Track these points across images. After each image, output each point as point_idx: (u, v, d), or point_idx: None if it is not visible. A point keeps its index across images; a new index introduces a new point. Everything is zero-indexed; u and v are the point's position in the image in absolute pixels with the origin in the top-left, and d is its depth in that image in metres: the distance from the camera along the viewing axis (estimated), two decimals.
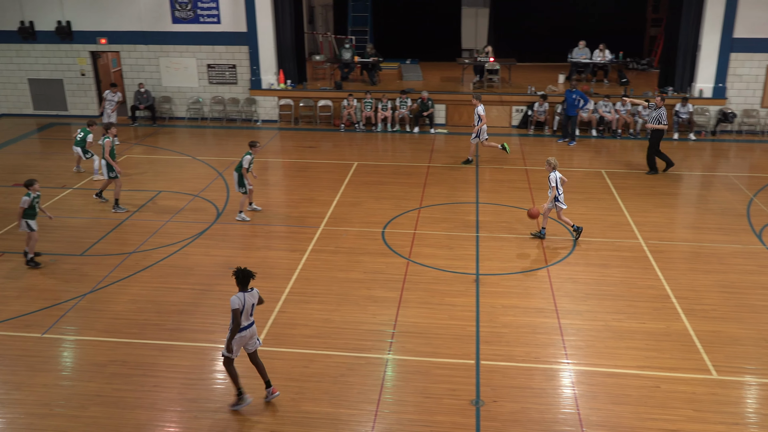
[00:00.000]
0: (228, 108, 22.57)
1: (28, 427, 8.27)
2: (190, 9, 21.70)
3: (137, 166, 18.07)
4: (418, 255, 12.65)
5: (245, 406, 8.53)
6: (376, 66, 23.24)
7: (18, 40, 22.57)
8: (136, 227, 14.07)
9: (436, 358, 9.50)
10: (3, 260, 12.70)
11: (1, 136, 21.11)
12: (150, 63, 22.49)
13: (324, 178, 16.92)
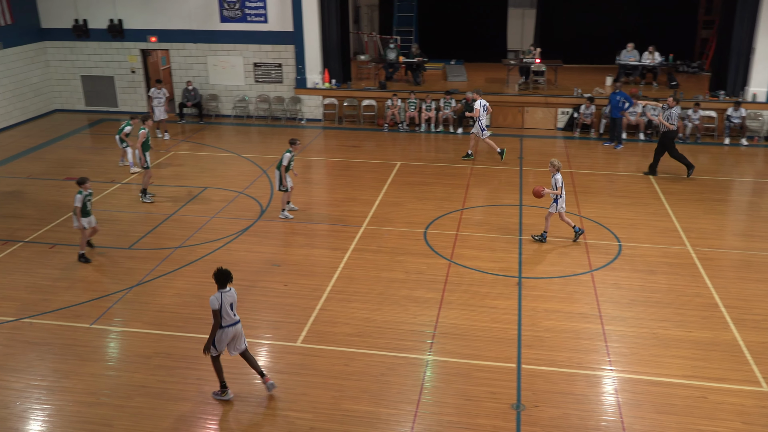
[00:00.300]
0: (273, 106, 22.79)
1: (76, 415, 8.48)
2: (238, 8, 21.97)
3: (184, 163, 18.37)
4: (460, 256, 12.60)
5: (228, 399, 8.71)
6: (421, 66, 23.21)
7: (72, 38, 23.16)
8: (182, 222, 14.31)
9: (477, 360, 9.44)
10: (54, 252, 13.04)
11: (55, 131, 21.68)
12: (198, 61, 22.85)
13: (367, 178, 16.96)
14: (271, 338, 10.10)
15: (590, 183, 16.38)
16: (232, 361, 9.52)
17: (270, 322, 10.54)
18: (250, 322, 10.49)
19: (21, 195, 16.00)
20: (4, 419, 8.45)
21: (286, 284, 11.68)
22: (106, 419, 8.38)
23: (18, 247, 13.23)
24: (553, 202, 13.00)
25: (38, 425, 8.35)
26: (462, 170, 17.39)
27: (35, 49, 23.02)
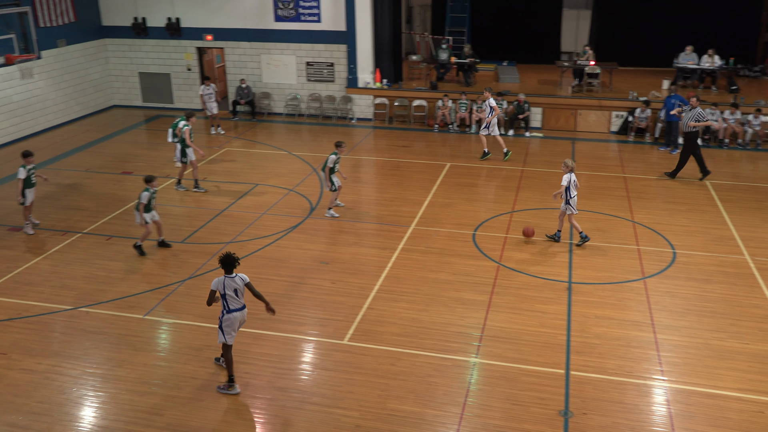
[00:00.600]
0: (324, 105, 22.96)
1: (128, 403, 8.69)
2: (293, 8, 22.20)
3: (236, 159, 18.65)
4: (509, 259, 12.49)
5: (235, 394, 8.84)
6: (473, 67, 23.09)
7: (131, 36, 23.75)
8: (234, 218, 14.53)
9: (525, 365, 9.35)
10: (110, 243, 13.39)
11: (113, 126, 22.27)
12: (252, 60, 23.17)
13: (416, 178, 16.95)
14: (318, 335, 10.18)
15: (644, 188, 16.05)
16: (276, 357, 9.64)
17: (317, 319, 10.63)
18: (297, 319, 10.61)
19: (80, 187, 16.48)
20: (60, 404, 8.71)
21: (334, 282, 11.76)
22: (157, 408, 8.57)
23: (76, 238, 13.63)
24: (565, 203, 12.85)
25: (92, 412, 8.59)
26: (512, 172, 17.23)
27: (96, 46, 23.68)
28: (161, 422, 8.31)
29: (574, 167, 12.94)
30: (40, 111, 21.35)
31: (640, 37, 25.50)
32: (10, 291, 11.57)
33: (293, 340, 10.09)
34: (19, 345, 10.01)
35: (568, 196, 12.75)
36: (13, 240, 13.60)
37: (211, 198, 15.62)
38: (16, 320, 10.69)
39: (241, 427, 8.29)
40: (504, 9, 27.29)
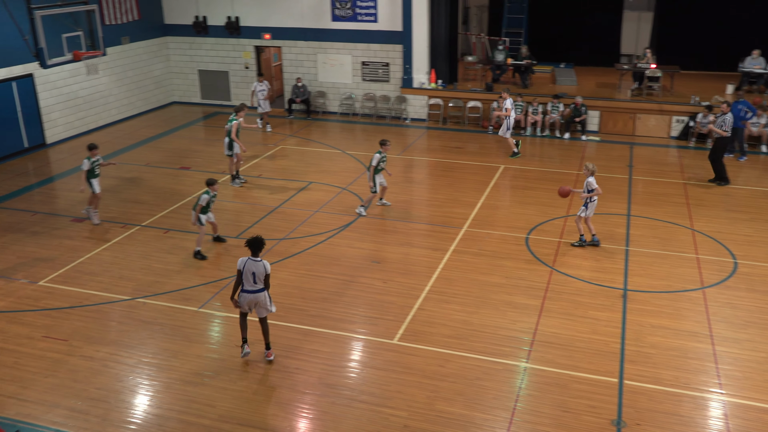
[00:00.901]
0: (379, 105, 23.03)
1: (182, 393, 8.88)
2: (350, 7, 22.33)
3: (290, 157, 18.87)
4: (562, 264, 12.31)
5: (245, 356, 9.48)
6: (529, 69, 22.83)
7: (192, 34, 24.26)
8: (287, 215, 14.70)
9: (577, 372, 9.20)
10: (168, 237, 13.70)
11: (172, 122, 22.78)
12: (308, 59, 23.40)
13: (469, 180, 16.85)
14: (367, 334, 10.22)
15: (705, 196, 15.61)
16: (326, 354, 9.71)
17: (367, 318, 10.66)
18: (348, 317, 10.67)
19: (140, 181, 16.90)
20: (117, 392, 8.96)
21: (385, 281, 11.79)
22: (209, 400, 8.73)
23: (135, 231, 14.00)
24: (583, 206, 12.86)
25: (147, 400, 8.81)
26: (567, 176, 16.97)
27: (158, 44, 24.27)
28: (213, 414, 8.46)
29: (595, 170, 12.92)
30: (103, 106, 22.00)
31: (703, 39, 24.78)
32: (71, 280, 11.96)
33: (343, 337, 10.15)
34: (80, 332, 10.33)
35: (589, 200, 12.77)
36: (76, 230, 14.04)
37: (265, 195, 15.83)
38: (77, 308, 11.04)
39: (290, 422, 8.38)
40: (562, 10, 26.88)
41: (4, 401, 8.73)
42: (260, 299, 9.16)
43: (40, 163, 18.63)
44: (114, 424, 8.35)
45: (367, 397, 8.76)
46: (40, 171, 18.09)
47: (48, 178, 17.56)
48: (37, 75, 19.18)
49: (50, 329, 10.42)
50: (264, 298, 9.19)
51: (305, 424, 8.34)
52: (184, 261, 12.63)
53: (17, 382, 9.15)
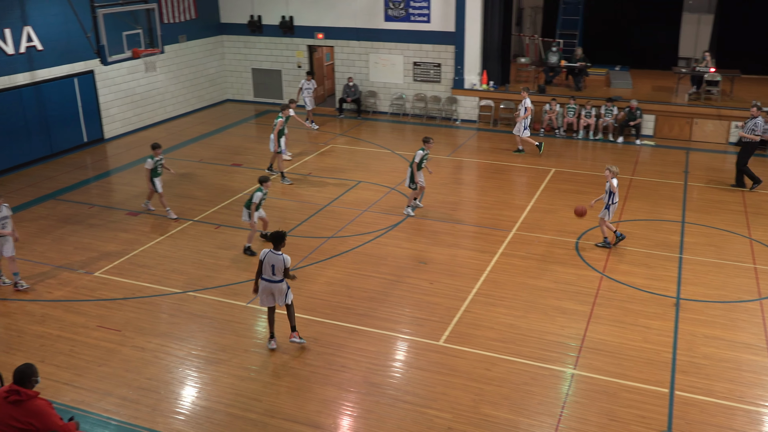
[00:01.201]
0: (429, 105, 22.99)
1: (229, 387, 9.02)
2: (403, 8, 22.35)
3: (340, 156, 18.99)
4: (613, 270, 12.09)
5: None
6: (583, 71, 22.47)
7: (247, 33, 24.63)
8: (335, 214, 14.79)
9: (626, 380, 9.02)
10: (218, 232, 13.93)
11: (225, 119, 23.16)
12: (360, 58, 23.51)
13: (519, 182, 16.69)
14: (413, 334, 10.21)
15: (764, 204, 15.14)
16: (372, 353, 9.73)
17: (413, 319, 10.66)
18: (393, 317, 10.68)
19: (192, 177, 17.23)
20: (167, 383, 9.16)
21: (432, 282, 11.76)
22: (255, 394, 8.85)
23: (188, 225, 14.28)
24: (605, 209, 12.77)
25: (195, 392, 8.97)
26: (620, 180, 16.61)
27: (213, 43, 24.70)
28: (259, 408, 8.57)
29: (618, 172, 12.88)
30: (159, 103, 22.50)
31: (766, 43, 24.03)
32: (126, 272, 12.26)
33: (389, 337, 10.16)
34: (132, 323, 10.59)
35: (611, 201, 12.68)
36: (131, 223, 14.40)
37: (314, 193, 15.96)
38: (130, 299, 11.32)
39: (334, 419, 8.43)
40: (619, 12, 26.40)
41: (60, 388, 9.01)
42: (276, 289, 9.53)
43: (98, 158, 19.16)
44: (163, 414, 8.53)
45: (411, 397, 8.75)
46: (98, 165, 18.61)
47: (105, 172, 18.05)
48: (97, 72, 19.73)
49: (104, 319, 10.71)
50: (281, 288, 9.56)
51: (349, 422, 8.38)
52: (234, 256, 12.83)
53: (72, 369, 9.43)
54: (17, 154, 17.80)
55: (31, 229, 14.06)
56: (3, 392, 6.48)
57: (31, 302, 11.25)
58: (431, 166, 15.88)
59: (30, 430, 6.38)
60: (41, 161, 18.44)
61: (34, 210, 15.15)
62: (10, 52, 17.26)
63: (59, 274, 12.24)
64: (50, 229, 14.11)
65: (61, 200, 15.79)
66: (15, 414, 6.37)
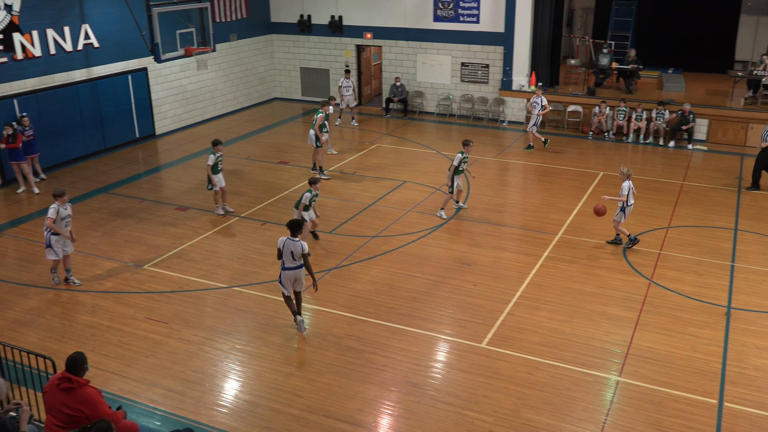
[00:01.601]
0: (476, 106, 22.86)
1: (272, 382, 9.13)
2: (452, 8, 22.27)
3: (386, 156, 19.02)
4: (661, 277, 11.84)
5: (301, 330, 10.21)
6: (635, 73, 22.06)
7: (296, 32, 24.87)
8: (380, 213, 14.83)
9: (673, 389, 8.83)
10: (264, 229, 14.10)
11: (272, 118, 23.43)
12: (408, 58, 23.51)
13: (566, 185, 16.47)
14: (455, 336, 10.17)
15: None
16: (414, 354, 9.73)
17: (456, 320, 10.62)
18: (436, 318, 10.65)
19: (240, 174, 17.48)
20: (211, 376, 9.31)
21: (476, 284, 11.70)
22: (297, 390, 8.93)
23: (234, 221, 14.49)
24: (620, 210, 12.71)
25: (239, 386, 9.10)
26: (670, 185, 16.31)
27: (263, 41, 25.01)
28: (301, 404, 8.65)
29: (631, 174, 12.77)
30: (209, 100, 22.88)
31: None
32: (174, 265, 12.51)
33: (431, 338, 10.14)
34: (179, 316, 10.79)
35: (626, 204, 12.60)
36: (180, 218, 14.68)
37: (359, 192, 16.03)
38: (177, 293, 11.54)
39: (375, 417, 8.45)
40: (674, 13, 25.83)
41: (108, 377, 9.24)
42: (299, 275, 10.07)
43: (149, 153, 19.59)
44: (207, 406, 8.67)
45: (452, 399, 8.72)
46: (149, 160, 19.02)
47: (155, 168, 18.45)
48: (150, 69, 20.17)
49: (152, 311, 10.94)
50: (302, 274, 10.10)
51: (389, 422, 8.39)
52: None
53: (121, 359, 9.66)
54: (72, 149, 18.32)
55: (83, 221, 14.45)
56: (55, 379, 6.68)
57: (82, 293, 11.57)
58: (473, 170, 15.82)
59: (80, 416, 6.56)
60: (95, 156, 18.93)
61: (87, 203, 15.56)
62: (68, 49, 17.78)
63: (110, 266, 12.55)
64: (102, 222, 14.48)
65: (113, 194, 16.18)
66: (66, 401, 6.56)
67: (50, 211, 11.15)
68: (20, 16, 16.44)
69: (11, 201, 15.63)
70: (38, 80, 17.18)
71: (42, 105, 17.22)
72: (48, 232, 11.27)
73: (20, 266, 12.58)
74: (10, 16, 16.24)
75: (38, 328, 10.51)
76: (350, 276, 11.97)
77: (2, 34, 16.12)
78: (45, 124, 17.28)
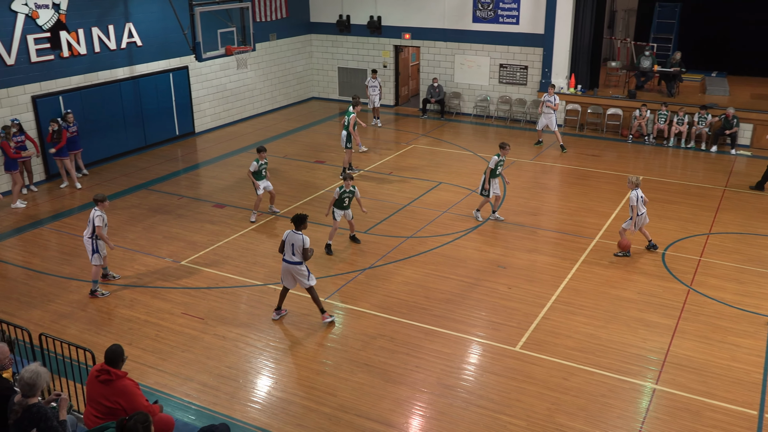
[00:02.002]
0: (514, 108, 22.70)
1: (305, 380, 9.18)
2: (492, 9, 22.15)
3: (422, 156, 19.00)
4: (701, 284, 11.61)
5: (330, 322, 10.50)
6: (677, 76, 21.67)
7: (335, 32, 24.99)
8: (415, 214, 14.81)
9: (711, 399, 8.66)
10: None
11: (310, 117, 23.58)
12: (446, 59, 23.45)
13: (604, 189, 16.26)
14: (489, 338, 10.11)
15: None
16: (447, 355, 9.69)
17: (490, 322, 10.55)
18: (470, 320, 10.60)
19: (277, 172, 17.62)
20: (246, 372, 9.40)
21: (510, 287, 11.62)
22: (330, 389, 8.97)
23: (271, 219, 14.61)
24: (629, 219, 12.54)
25: (273, 382, 9.17)
26: (712, 191, 15.99)
27: (302, 41, 25.19)
28: (334, 403, 8.68)
29: (640, 183, 12.55)
30: (248, 99, 23.12)
31: None
32: (210, 262, 12.67)
33: (464, 340, 10.10)
34: (215, 312, 10.93)
35: (636, 213, 12.40)
36: (217, 216, 14.86)
37: (394, 192, 16.04)
38: (213, 289, 11.69)
39: (407, 418, 8.45)
40: (718, 15, 25.29)
41: (145, 370, 9.39)
42: (294, 270, 10.19)
43: (188, 150, 19.87)
44: (241, 402, 8.76)
45: (485, 402, 8.67)
46: (188, 158, 19.29)
47: (194, 165, 18.70)
48: (191, 67, 20.46)
49: (189, 307, 11.10)
50: (299, 270, 10.20)
51: (421, 423, 8.38)
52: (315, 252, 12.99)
53: (157, 353, 9.81)
54: (114, 145, 18.67)
55: (123, 216, 14.72)
56: (95, 371, 6.81)
57: (121, 287, 11.78)
58: (508, 174, 15.65)
59: (117, 408, 6.68)
60: (136, 152, 19.28)
61: (127, 199, 15.85)
62: (112, 48, 18.13)
63: (148, 261, 12.76)
64: (141, 218, 14.73)
65: (152, 190, 16.45)
66: (105, 392, 6.69)
67: (97, 219, 10.97)
68: (67, 14, 16.83)
69: (54, 195, 15.99)
70: (83, 78, 17.55)
71: (86, 102, 17.59)
72: (94, 239, 11.13)
73: (62, 260, 12.87)
74: (58, 15, 16.63)
75: (79, 320, 10.74)
76: (384, 276, 11.98)
77: (50, 33, 16.52)
78: (88, 121, 17.65)
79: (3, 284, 11.93)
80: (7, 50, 15.70)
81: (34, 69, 16.37)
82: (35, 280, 12.07)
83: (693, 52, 24.49)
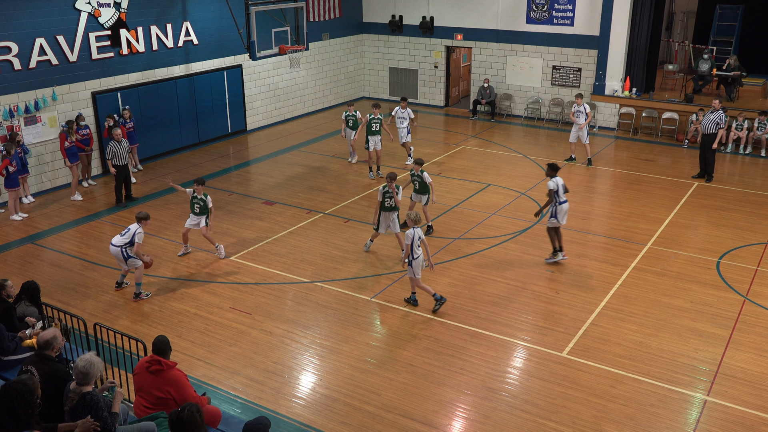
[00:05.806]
0: (566, 111, 22.38)
1: (349, 378, 9.22)
2: (546, 10, 21.89)
3: (471, 158, 18.88)
4: (758, 295, 11.26)
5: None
6: (737, 80, 21.05)
7: (387, 32, 25.04)
8: (463, 215, 14.74)
9: (766, 413, 8.38)
10: (347, 226, 14.27)
11: None
12: (498, 60, 23.27)
13: (658, 195, 15.90)
14: (536, 343, 9.99)
15: None
16: (492, 358, 9.60)
17: (537, 327, 10.43)
18: (517, 323, 10.50)
19: (325, 171, 17.75)
20: (291, 368, 9.50)
21: (558, 292, 11.46)
22: (375, 388, 8.99)
23: (318, 217, 14.73)
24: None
25: (317, 379, 9.24)
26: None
27: (354, 41, 25.31)
28: (377, 401, 8.70)
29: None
30: (300, 98, 23.36)
31: None
32: (259, 258, 12.84)
33: (510, 343, 10.01)
34: (262, 308, 11.07)
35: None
36: (266, 212, 15.05)
37: (443, 193, 15.95)
38: (261, 285, 11.84)
39: (450, 420, 8.41)
40: None
41: (193, 363, 9.57)
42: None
43: (240, 148, 20.17)
44: (286, 397, 8.85)
45: (530, 407, 8.58)
46: (239, 155, 19.58)
47: (245, 162, 18.98)
48: (245, 66, 20.76)
49: (237, 302, 11.27)
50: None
51: (465, 425, 8.33)
52: (361, 251, 13.09)
53: (206, 346, 9.99)
54: (169, 141, 19.09)
55: (175, 211, 15.03)
56: (144, 362, 6.97)
57: (172, 280, 12.04)
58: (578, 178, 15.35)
59: (167, 398, 6.82)
60: (189, 148, 19.66)
61: (180, 194, 16.15)
62: (170, 46, 18.53)
63: (198, 255, 13.00)
64: None
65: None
66: (156, 382, 6.84)
67: (138, 236, 10.94)
68: (127, 13, 17.28)
69: (110, 189, 16.40)
70: (140, 75, 17.99)
71: (142, 98, 18.02)
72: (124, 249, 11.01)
73: None
74: (119, 13, 17.08)
75: (130, 311, 11.01)
76: (431, 277, 11.95)
77: (110, 30, 16.99)
78: (144, 117, 18.09)
79: (60, 274, 12.32)
80: (70, 47, 16.21)
81: (94, 66, 16.86)
82: (90, 271, 12.42)
83: (755, 56, 23.77)
